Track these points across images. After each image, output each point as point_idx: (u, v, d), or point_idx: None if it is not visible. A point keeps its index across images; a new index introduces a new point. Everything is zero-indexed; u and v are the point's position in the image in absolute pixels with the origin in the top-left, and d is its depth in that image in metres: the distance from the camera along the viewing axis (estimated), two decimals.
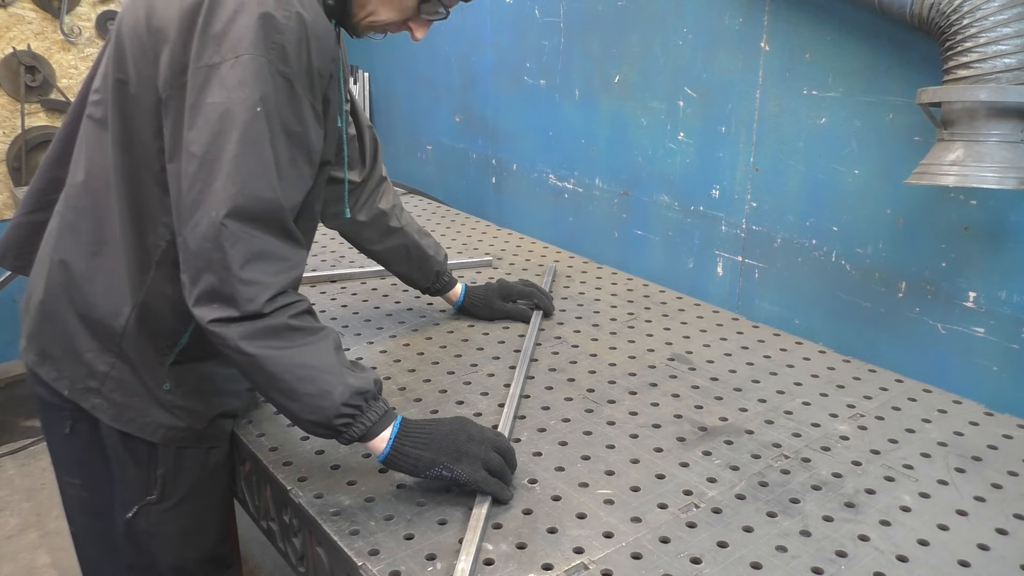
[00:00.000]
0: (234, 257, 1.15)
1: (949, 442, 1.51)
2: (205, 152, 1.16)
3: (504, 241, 2.74)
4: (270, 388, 1.21)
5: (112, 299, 1.34)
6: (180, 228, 1.19)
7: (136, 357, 1.37)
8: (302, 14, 1.20)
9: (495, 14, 3.12)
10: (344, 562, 1.21)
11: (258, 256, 1.18)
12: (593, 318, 2.08)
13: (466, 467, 1.27)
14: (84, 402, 1.39)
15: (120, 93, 1.29)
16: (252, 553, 2.75)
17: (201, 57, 1.17)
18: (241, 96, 1.15)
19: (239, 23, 1.16)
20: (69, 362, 1.39)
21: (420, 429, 1.30)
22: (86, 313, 1.36)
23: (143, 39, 1.25)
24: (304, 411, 1.22)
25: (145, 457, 1.42)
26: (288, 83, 1.20)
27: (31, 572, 2.68)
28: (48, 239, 1.43)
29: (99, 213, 1.34)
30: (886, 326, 1.98)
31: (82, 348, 1.37)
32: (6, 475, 3.22)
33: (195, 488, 1.48)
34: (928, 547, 1.22)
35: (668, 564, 1.17)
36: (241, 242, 1.16)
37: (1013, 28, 1.45)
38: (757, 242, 2.27)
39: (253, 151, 1.17)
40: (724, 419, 1.58)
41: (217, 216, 1.14)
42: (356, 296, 2.23)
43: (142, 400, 1.39)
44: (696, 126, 2.38)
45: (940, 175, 1.52)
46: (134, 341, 1.36)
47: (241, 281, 1.15)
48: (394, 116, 4.05)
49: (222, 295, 1.15)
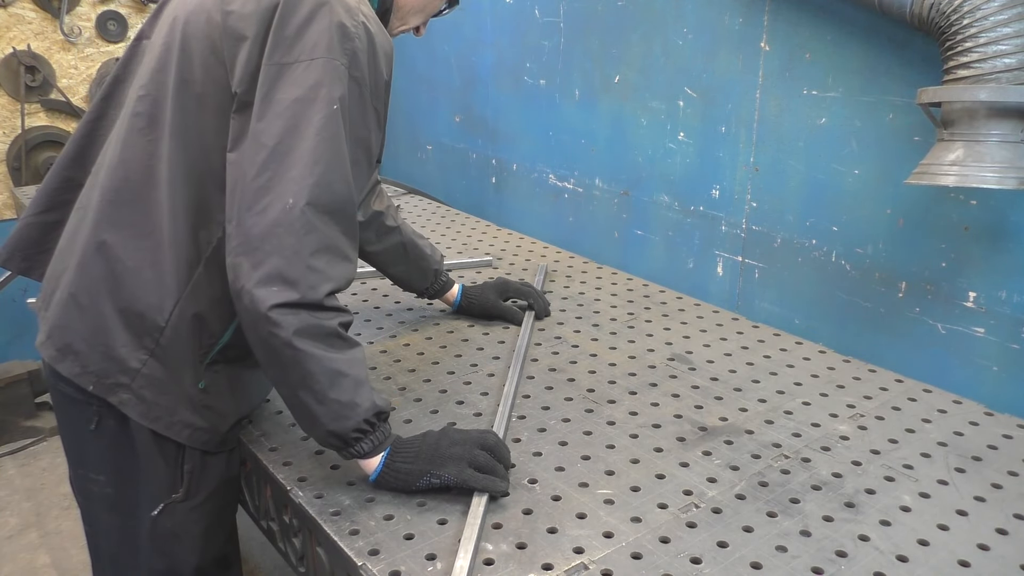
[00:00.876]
0: (307, 244, 1.18)
1: (949, 442, 1.51)
2: (278, 143, 1.20)
3: (504, 241, 2.74)
4: (301, 387, 1.22)
5: (157, 292, 1.34)
6: (240, 213, 1.20)
7: (174, 354, 1.36)
8: (368, 24, 1.28)
9: (495, 14, 3.12)
10: (344, 562, 1.21)
11: (327, 248, 1.21)
12: (593, 318, 2.08)
13: (451, 469, 1.30)
14: (111, 396, 1.37)
15: (183, 92, 1.31)
16: (252, 553, 2.75)
17: (274, 55, 1.23)
18: (319, 95, 1.21)
19: (314, 28, 1.22)
20: (97, 356, 1.36)
21: (407, 447, 1.34)
22: (127, 306, 1.34)
23: (216, 41, 1.28)
24: (327, 416, 1.24)
25: (174, 454, 1.42)
26: (359, 87, 1.27)
27: (31, 572, 2.68)
28: (74, 238, 1.41)
29: (145, 207, 1.34)
30: (886, 326, 1.98)
31: (116, 343, 1.35)
32: (6, 475, 3.22)
33: (217, 488, 1.49)
34: (928, 547, 1.22)
35: (668, 564, 1.17)
36: (316, 231, 1.19)
37: (1013, 28, 1.45)
38: (757, 242, 2.27)
39: (331, 146, 1.21)
40: (724, 419, 1.58)
41: (296, 203, 1.17)
42: (356, 296, 2.23)
43: (172, 398, 1.38)
44: (696, 126, 2.38)
45: (940, 175, 1.52)
46: (174, 337, 1.35)
47: (309, 268, 1.18)
48: (394, 116, 4.04)
49: (287, 278, 1.17)
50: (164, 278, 1.34)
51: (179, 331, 1.35)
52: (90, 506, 1.53)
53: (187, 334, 1.36)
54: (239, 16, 1.27)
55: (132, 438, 1.42)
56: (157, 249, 1.34)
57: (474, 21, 3.24)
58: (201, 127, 1.31)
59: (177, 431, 1.40)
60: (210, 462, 1.46)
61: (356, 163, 1.29)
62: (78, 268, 1.37)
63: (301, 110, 1.20)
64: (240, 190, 1.21)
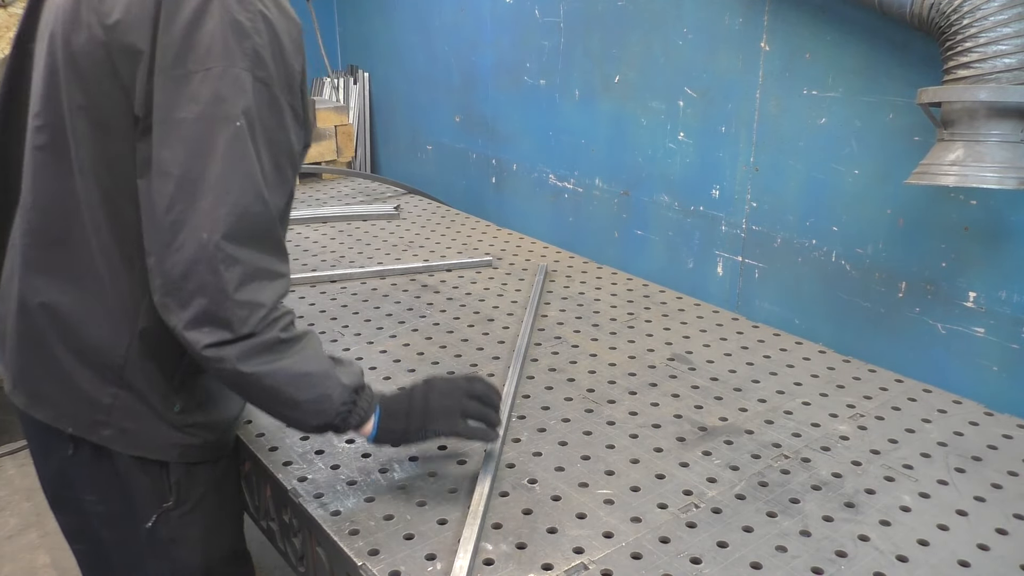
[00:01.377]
0: (230, 280, 1.10)
1: (949, 442, 1.51)
2: (185, 172, 1.10)
3: (504, 241, 2.74)
4: (272, 402, 1.20)
5: (108, 328, 1.28)
6: (159, 249, 1.12)
7: (141, 384, 1.31)
8: (265, 12, 1.15)
9: (495, 14, 3.12)
10: (344, 562, 1.21)
11: (253, 276, 1.13)
12: (593, 318, 2.08)
13: (442, 422, 1.29)
14: (93, 436, 1.32)
15: (82, 120, 1.20)
16: (252, 553, 2.75)
17: (165, 66, 1.11)
18: (220, 112, 1.10)
19: (205, 30, 1.10)
20: (68, 399, 1.31)
21: (397, 404, 1.32)
22: (81, 347, 1.29)
23: (111, 62, 1.16)
24: (307, 416, 1.22)
25: (157, 470, 1.38)
26: (267, 89, 1.15)
27: (31, 572, 2.68)
28: (11, 280, 1.35)
29: (70, 245, 1.26)
30: (886, 326, 1.98)
31: (81, 382, 1.30)
32: (6, 475, 3.22)
33: (208, 489, 1.45)
34: (928, 547, 1.22)
35: (668, 564, 1.17)
36: (237, 264, 1.11)
37: (1013, 28, 1.45)
38: (757, 242, 2.27)
39: (240, 167, 1.12)
40: (724, 419, 1.58)
41: (211, 238, 1.09)
42: (356, 296, 2.23)
43: (153, 424, 1.33)
44: (696, 126, 2.38)
45: (940, 175, 1.52)
46: (138, 369, 1.30)
47: (237, 304, 1.11)
48: (394, 116, 4.05)
49: (217, 319, 1.11)
50: (112, 314, 1.27)
51: (140, 361, 1.29)
52: (89, 525, 1.48)
53: (149, 362, 1.30)
54: (126, 27, 1.13)
55: (112, 460, 1.37)
56: (97, 286, 1.27)
57: (474, 21, 3.24)
58: (110, 156, 1.21)
59: (165, 452, 1.36)
60: (197, 469, 1.42)
61: (277, 168, 1.19)
62: (19, 315, 1.32)
63: (203, 131, 1.10)
64: (154, 226, 1.13)
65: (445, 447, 1.47)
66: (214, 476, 1.46)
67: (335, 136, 3.58)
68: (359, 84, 4.18)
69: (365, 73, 4.18)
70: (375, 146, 4.27)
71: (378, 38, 4.04)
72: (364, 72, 4.18)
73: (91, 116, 1.20)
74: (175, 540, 1.43)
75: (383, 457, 1.44)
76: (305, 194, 3.35)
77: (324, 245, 2.68)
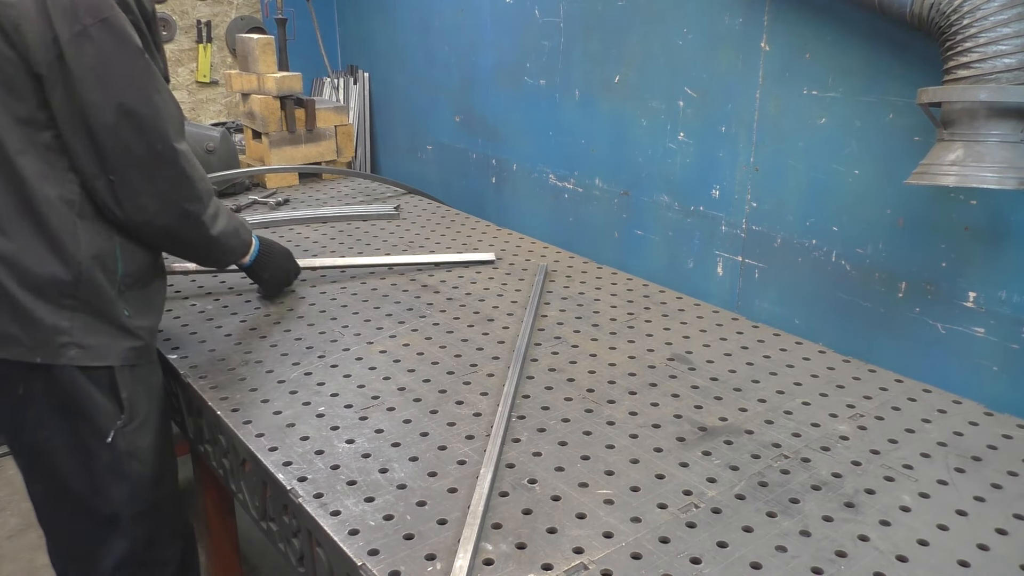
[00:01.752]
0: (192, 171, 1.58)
1: (949, 442, 1.51)
2: (132, 105, 1.46)
3: (504, 241, 2.74)
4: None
5: (52, 259, 1.49)
6: (140, 172, 1.49)
7: (93, 300, 1.54)
8: None
9: (495, 14, 3.12)
10: (344, 562, 1.21)
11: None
12: (593, 318, 2.08)
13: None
14: (60, 359, 1.52)
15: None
16: (252, 553, 2.75)
17: (71, 25, 1.39)
18: (127, 49, 1.45)
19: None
20: (30, 332, 1.51)
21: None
22: (37, 286, 1.49)
23: (25, 26, 1.39)
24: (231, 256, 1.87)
25: (107, 383, 1.58)
26: (137, 29, 1.49)
27: (31, 572, 2.68)
28: None
29: (4, 197, 1.48)
30: (886, 326, 1.98)
31: (42, 315, 1.50)
32: (6, 475, 3.22)
33: (151, 407, 1.68)
34: (928, 547, 1.22)
35: (668, 564, 1.17)
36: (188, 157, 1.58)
37: (1013, 28, 1.45)
38: (757, 242, 2.27)
39: (165, 89, 1.54)
40: (724, 419, 1.58)
41: (169, 144, 1.51)
42: (356, 296, 2.23)
43: (108, 334, 1.57)
44: (696, 126, 2.38)
45: (940, 175, 1.52)
46: (88, 287, 1.53)
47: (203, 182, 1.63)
48: (394, 116, 4.05)
49: (199, 199, 1.61)
50: (54, 245, 1.49)
51: (89, 280, 1.53)
52: (47, 462, 1.64)
53: (96, 279, 1.54)
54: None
55: (63, 389, 1.56)
56: (31, 225, 1.48)
57: (474, 21, 3.24)
58: (13, 108, 1.45)
59: (121, 356, 1.59)
60: (140, 384, 1.64)
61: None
62: None
63: (120, 69, 1.48)
64: (108, 155, 1.49)
65: (445, 447, 1.47)
66: (153, 394, 1.69)
67: (335, 136, 3.58)
68: (359, 84, 4.18)
69: (365, 73, 4.18)
70: (375, 146, 4.27)
71: (378, 38, 4.04)
72: (364, 72, 4.18)
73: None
74: (131, 454, 1.64)
75: (383, 457, 1.45)
76: (305, 194, 3.35)
77: (324, 245, 2.68)
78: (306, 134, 3.47)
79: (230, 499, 2.19)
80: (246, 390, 1.69)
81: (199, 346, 1.90)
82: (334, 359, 1.84)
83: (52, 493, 1.69)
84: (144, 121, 1.47)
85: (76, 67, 1.41)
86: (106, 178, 1.49)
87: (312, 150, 3.52)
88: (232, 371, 1.77)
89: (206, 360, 1.83)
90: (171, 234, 1.62)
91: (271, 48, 3.36)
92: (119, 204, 1.51)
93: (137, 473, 1.65)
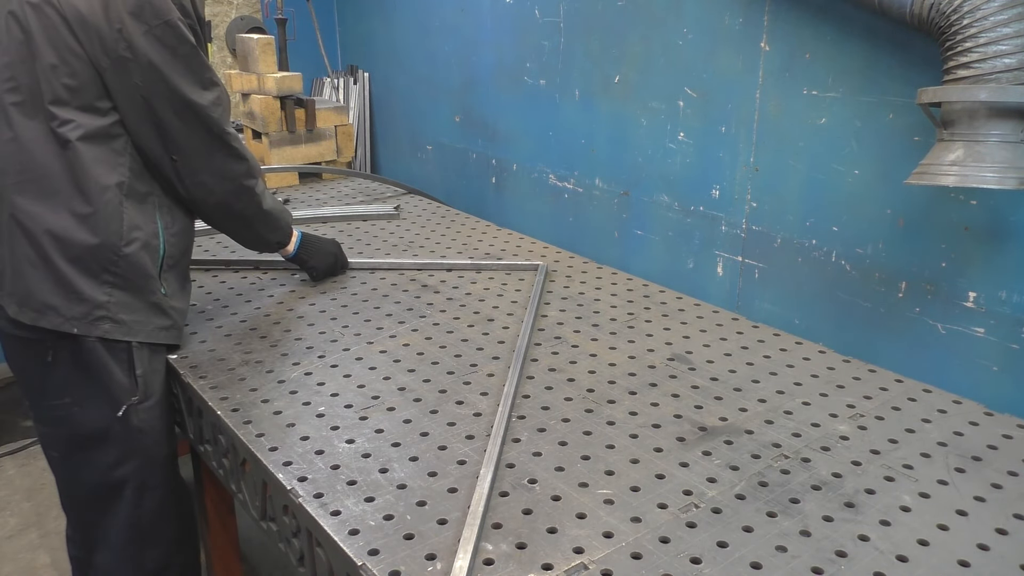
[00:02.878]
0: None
1: (949, 442, 1.51)
2: (199, 97, 1.68)
3: (504, 241, 2.74)
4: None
5: (99, 240, 1.63)
6: (203, 159, 1.72)
7: (134, 277, 1.68)
8: None
9: (495, 14, 3.12)
10: (344, 562, 1.21)
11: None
12: (593, 318, 2.08)
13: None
14: (95, 331, 1.65)
15: (55, 73, 1.58)
16: (252, 553, 2.75)
17: (138, 25, 1.57)
18: (185, 49, 1.63)
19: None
20: (70, 304, 1.63)
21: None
22: (77, 255, 1.62)
23: (92, 22, 1.56)
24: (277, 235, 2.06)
25: (126, 359, 1.71)
26: (192, 31, 1.66)
27: (31, 572, 2.68)
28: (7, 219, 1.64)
29: (57, 179, 1.61)
30: (886, 326, 1.98)
31: (81, 287, 1.63)
32: (6, 475, 3.22)
33: (163, 390, 1.80)
34: (928, 547, 1.22)
35: (668, 564, 1.17)
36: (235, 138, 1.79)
37: (1013, 28, 1.45)
38: (757, 242, 2.27)
39: (217, 80, 1.73)
40: (724, 419, 1.58)
41: (222, 128, 1.73)
42: (356, 296, 2.23)
43: (143, 311, 1.72)
44: (696, 126, 2.38)
45: (940, 175, 1.52)
46: (131, 265, 1.67)
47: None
48: (394, 116, 4.05)
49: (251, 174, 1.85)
50: (102, 223, 1.63)
51: (133, 258, 1.67)
52: (62, 432, 1.79)
53: (140, 258, 1.68)
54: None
55: (86, 360, 1.69)
56: (82, 203, 1.61)
57: (474, 21, 3.24)
58: (77, 98, 1.60)
59: (152, 334, 1.73)
60: (155, 365, 1.77)
61: None
62: (25, 243, 1.63)
63: (182, 62, 1.69)
64: (180, 141, 1.70)
65: (445, 447, 1.47)
66: (164, 377, 1.80)
67: (335, 136, 3.58)
68: (359, 84, 4.18)
69: (365, 73, 4.18)
70: (375, 146, 4.27)
71: (378, 38, 4.04)
72: (364, 72, 4.18)
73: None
74: (143, 431, 1.76)
75: (383, 457, 1.45)
76: (305, 194, 3.35)
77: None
78: (306, 134, 3.47)
79: (230, 499, 2.20)
80: (246, 390, 1.69)
81: (199, 346, 1.90)
82: (334, 359, 1.84)
83: (68, 460, 1.81)
84: (201, 110, 1.67)
85: (143, 63, 1.59)
86: (169, 159, 1.69)
87: (312, 150, 3.52)
88: (232, 371, 1.77)
89: (206, 360, 1.83)
90: (228, 207, 1.83)
91: (271, 48, 3.36)
92: (181, 181, 1.72)
93: (150, 451, 1.78)
